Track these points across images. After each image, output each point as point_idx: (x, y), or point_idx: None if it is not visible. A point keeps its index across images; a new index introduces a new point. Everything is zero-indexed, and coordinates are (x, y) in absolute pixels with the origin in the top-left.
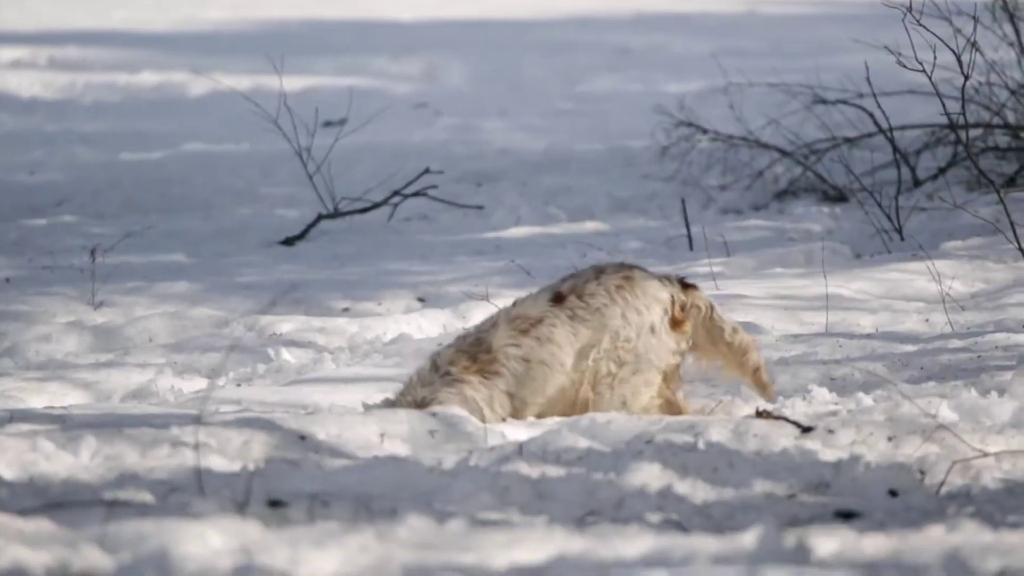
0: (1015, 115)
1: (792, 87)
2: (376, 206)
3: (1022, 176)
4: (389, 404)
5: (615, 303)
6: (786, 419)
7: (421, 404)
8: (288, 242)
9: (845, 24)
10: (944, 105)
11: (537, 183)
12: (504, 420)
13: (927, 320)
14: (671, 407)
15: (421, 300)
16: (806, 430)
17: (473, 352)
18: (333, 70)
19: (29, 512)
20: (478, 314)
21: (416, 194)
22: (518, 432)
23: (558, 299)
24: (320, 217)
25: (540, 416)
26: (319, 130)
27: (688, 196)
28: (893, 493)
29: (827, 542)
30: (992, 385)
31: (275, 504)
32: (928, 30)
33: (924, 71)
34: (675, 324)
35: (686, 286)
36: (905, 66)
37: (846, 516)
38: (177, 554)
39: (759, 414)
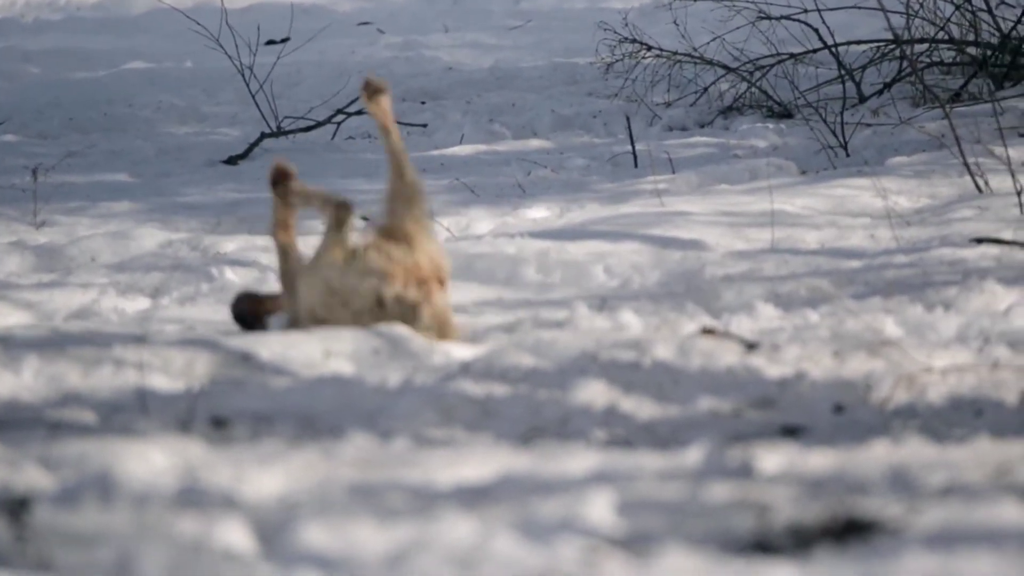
0: (960, 30)
1: (736, 3)
2: (319, 125)
3: (967, 91)
4: None
5: None
6: (731, 336)
7: None
8: (231, 161)
9: None
10: (889, 20)
11: (481, 101)
12: None
13: (872, 236)
14: None
15: (365, 219)
16: (751, 347)
17: None
18: None
19: None
20: None
21: (359, 112)
22: (463, 350)
23: None
24: (263, 136)
25: None
26: (261, 48)
27: (633, 113)
28: (838, 409)
29: (772, 458)
30: (937, 300)
31: (219, 423)
32: None
33: None
34: None
35: None
36: None
37: (791, 432)
38: (120, 473)
39: (704, 331)
